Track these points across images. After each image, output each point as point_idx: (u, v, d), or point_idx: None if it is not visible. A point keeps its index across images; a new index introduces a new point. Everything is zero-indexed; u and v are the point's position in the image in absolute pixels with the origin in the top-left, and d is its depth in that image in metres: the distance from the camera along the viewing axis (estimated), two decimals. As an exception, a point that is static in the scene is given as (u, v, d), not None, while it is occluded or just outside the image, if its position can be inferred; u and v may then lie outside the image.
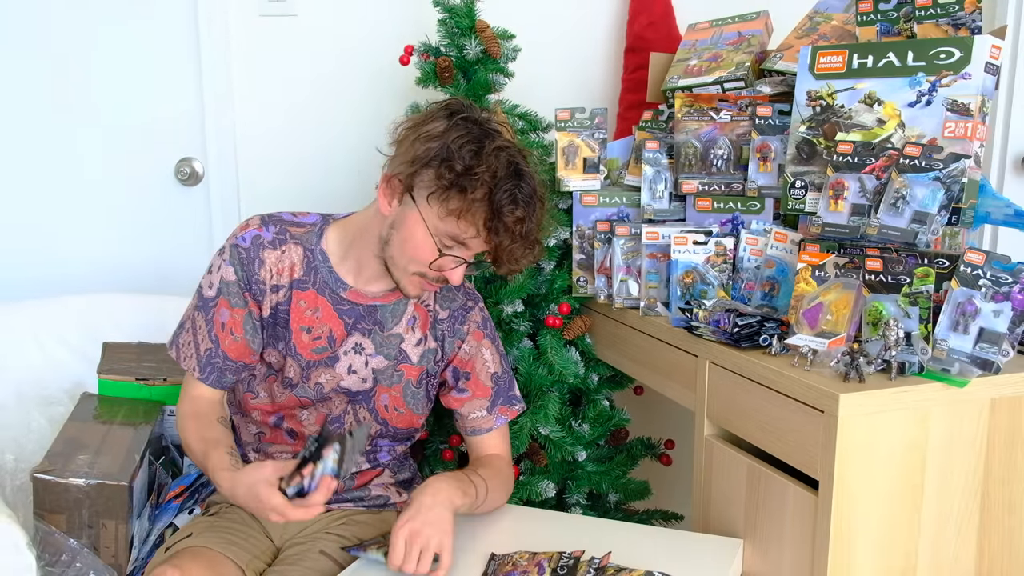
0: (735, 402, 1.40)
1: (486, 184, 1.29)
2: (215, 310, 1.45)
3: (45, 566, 1.41)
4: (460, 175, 1.29)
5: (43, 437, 1.65)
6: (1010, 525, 1.34)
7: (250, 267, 1.44)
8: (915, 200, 1.28)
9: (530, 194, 1.34)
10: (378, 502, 1.57)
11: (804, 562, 1.28)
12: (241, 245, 1.44)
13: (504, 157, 1.32)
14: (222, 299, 1.44)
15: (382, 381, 1.50)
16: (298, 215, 1.50)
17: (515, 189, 1.31)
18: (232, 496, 1.31)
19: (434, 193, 1.31)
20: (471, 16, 1.83)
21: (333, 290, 1.46)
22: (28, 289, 2.06)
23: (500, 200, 1.30)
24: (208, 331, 1.45)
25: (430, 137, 1.32)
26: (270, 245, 1.45)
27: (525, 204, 1.33)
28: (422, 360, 1.52)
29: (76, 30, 2.03)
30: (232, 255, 1.44)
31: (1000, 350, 1.22)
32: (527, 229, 1.35)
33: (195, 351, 1.46)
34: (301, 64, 2.13)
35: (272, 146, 2.15)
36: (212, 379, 1.46)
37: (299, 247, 1.46)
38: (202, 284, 1.47)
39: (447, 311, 1.53)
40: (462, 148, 1.30)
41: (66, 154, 2.08)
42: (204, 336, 1.45)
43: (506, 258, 1.37)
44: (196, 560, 1.34)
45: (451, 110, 1.35)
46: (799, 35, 1.68)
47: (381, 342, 1.49)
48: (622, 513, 1.98)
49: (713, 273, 1.56)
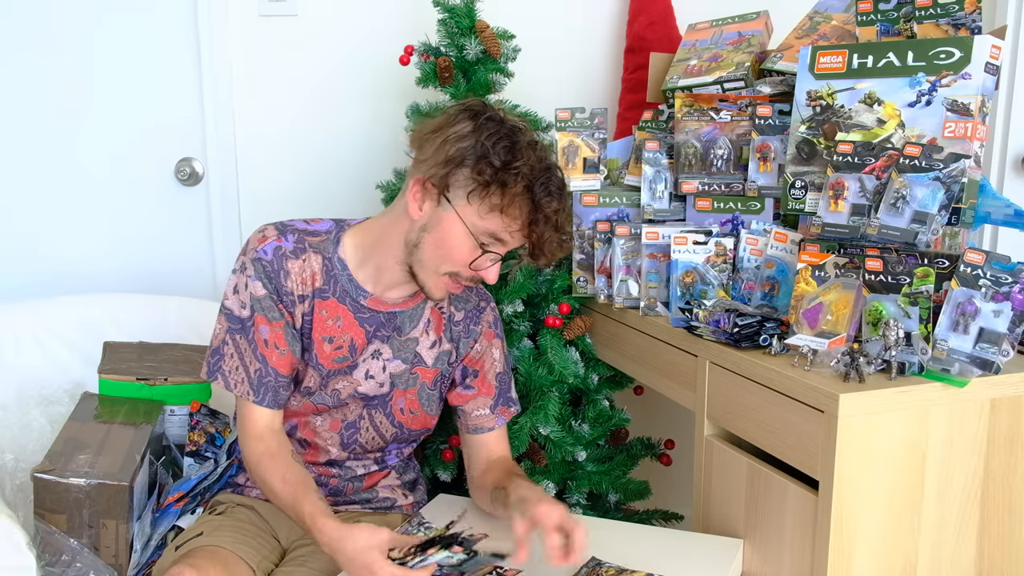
0: (735, 402, 1.40)
1: (525, 178, 1.32)
2: (254, 329, 1.40)
3: (45, 566, 1.41)
4: (499, 170, 1.31)
5: (43, 437, 1.65)
6: (1010, 525, 1.34)
7: (277, 279, 1.41)
8: (915, 200, 1.28)
9: (561, 185, 1.37)
10: (385, 504, 1.57)
11: (804, 562, 1.28)
12: (263, 258, 1.41)
13: (538, 151, 1.35)
14: (258, 316, 1.40)
15: (399, 385, 1.50)
16: (311, 222, 1.47)
17: (550, 182, 1.34)
18: (332, 550, 1.26)
19: (474, 191, 1.32)
20: (471, 16, 1.83)
21: (353, 298, 1.45)
22: (28, 289, 2.06)
23: (539, 192, 1.33)
24: (253, 351, 1.41)
25: (460, 137, 1.33)
26: (292, 255, 1.42)
27: (559, 195, 1.36)
28: (437, 362, 1.52)
29: (76, 30, 2.03)
30: (257, 270, 1.40)
31: (1000, 350, 1.22)
32: (563, 220, 1.39)
33: (245, 375, 1.41)
34: (301, 64, 2.13)
35: (272, 146, 2.15)
36: (268, 399, 1.41)
37: (318, 255, 1.44)
38: (229, 306, 1.42)
39: (462, 312, 1.54)
40: (496, 145, 1.31)
41: (66, 154, 2.08)
42: (251, 357, 1.41)
43: (546, 249, 1.39)
44: (212, 560, 1.34)
45: (474, 111, 1.36)
46: (799, 35, 1.68)
47: (399, 347, 1.49)
48: (622, 513, 1.98)
49: (713, 273, 1.56)
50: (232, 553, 1.38)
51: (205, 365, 1.44)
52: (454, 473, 1.84)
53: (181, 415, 1.74)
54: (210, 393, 1.77)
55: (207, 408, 1.71)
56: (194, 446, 1.66)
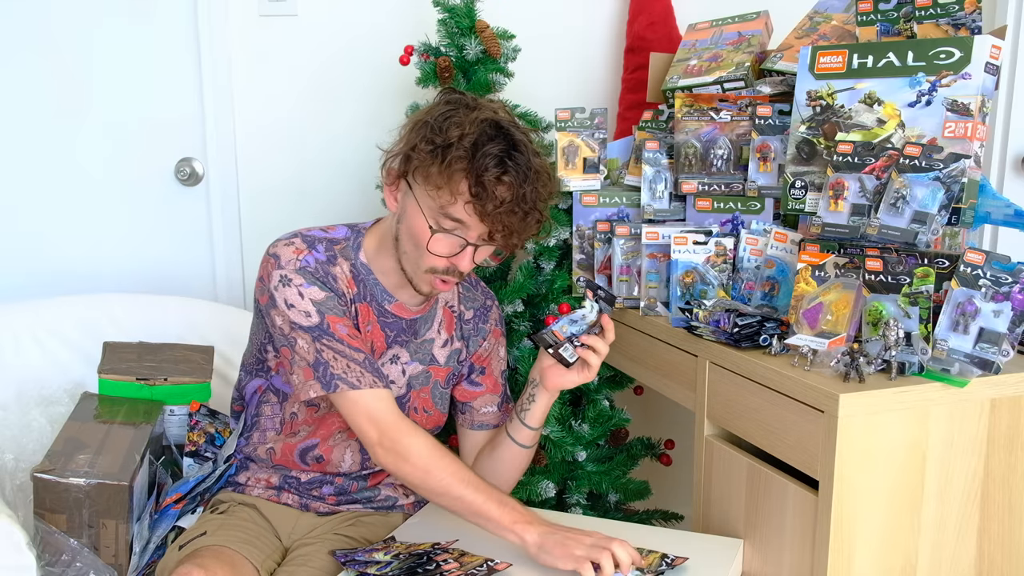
0: (735, 402, 1.40)
1: (466, 150, 1.26)
2: (333, 327, 1.35)
3: (45, 566, 1.41)
4: (441, 145, 1.27)
5: (43, 437, 1.64)
6: (1010, 525, 1.34)
7: (328, 282, 1.37)
8: (915, 200, 1.28)
9: (524, 163, 1.28)
10: (387, 503, 1.57)
11: (804, 562, 1.28)
12: (307, 267, 1.37)
13: (489, 124, 1.28)
14: (328, 316, 1.35)
15: (415, 386, 1.50)
16: (327, 230, 1.44)
17: (502, 155, 1.27)
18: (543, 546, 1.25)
19: (419, 168, 1.30)
20: (471, 16, 1.83)
21: (379, 303, 1.44)
22: (28, 289, 2.06)
23: (482, 165, 1.26)
24: (347, 345, 1.34)
25: (417, 120, 1.33)
26: (329, 263, 1.39)
27: (515, 170, 1.27)
28: (448, 361, 1.52)
29: (76, 31, 2.03)
30: (307, 278, 1.36)
31: (1000, 350, 1.22)
32: (518, 196, 1.28)
33: (358, 365, 1.33)
34: (301, 64, 2.13)
35: (272, 146, 2.15)
36: (383, 380, 1.36)
37: (347, 262, 1.42)
38: (295, 321, 1.34)
39: (472, 311, 1.54)
40: (443, 119, 1.29)
41: (66, 154, 2.08)
42: (349, 351, 1.34)
43: (499, 229, 1.30)
44: (218, 559, 1.34)
45: (445, 97, 1.35)
46: (799, 35, 1.68)
47: (415, 349, 1.49)
48: (622, 513, 1.98)
49: (713, 273, 1.56)
50: (237, 553, 1.38)
51: (317, 384, 1.33)
52: (454, 473, 1.84)
53: (181, 415, 1.74)
54: (210, 393, 1.77)
55: (207, 408, 1.71)
56: (193, 446, 1.66)
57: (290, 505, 1.53)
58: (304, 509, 1.53)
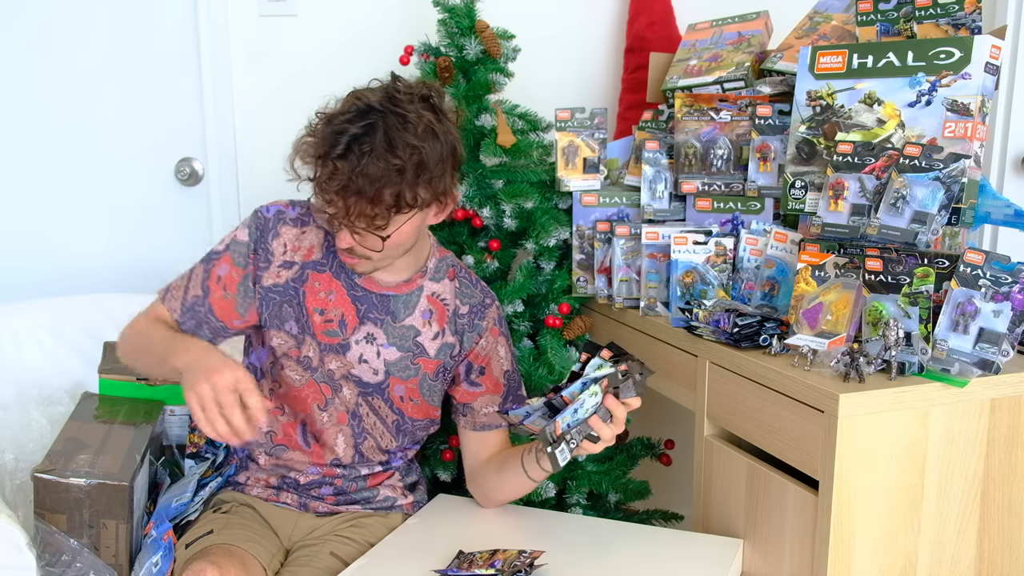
0: (735, 402, 1.40)
1: (319, 133, 1.35)
2: (216, 262, 1.46)
3: (45, 566, 1.41)
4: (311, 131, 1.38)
5: (43, 436, 1.65)
6: (1010, 525, 1.34)
7: (264, 235, 1.46)
8: (915, 200, 1.28)
9: (370, 143, 1.28)
10: (386, 504, 1.58)
11: (804, 562, 1.28)
12: (264, 214, 1.48)
13: (357, 111, 1.32)
14: (227, 255, 1.46)
15: (395, 374, 1.50)
16: None
17: (340, 135, 1.30)
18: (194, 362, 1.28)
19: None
20: (471, 16, 1.83)
21: (348, 275, 1.47)
22: (28, 289, 2.06)
23: (323, 149, 1.31)
24: (202, 281, 1.46)
25: None
26: (291, 222, 1.48)
27: (357, 150, 1.28)
28: (439, 354, 1.52)
29: (76, 31, 2.03)
30: (252, 220, 1.48)
31: (1000, 350, 1.22)
32: (355, 174, 1.27)
33: (182, 295, 1.46)
34: (301, 64, 2.12)
35: (272, 146, 2.15)
36: (189, 326, 1.45)
37: (321, 231, 1.48)
38: (214, 247, 1.50)
39: (467, 306, 1.54)
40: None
41: (66, 154, 2.08)
42: (196, 284, 1.46)
43: (345, 209, 1.30)
44: (230, 558, 1.35)
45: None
46: (799, 35, 1.68)
47: (394, 333, 1.49)
48: (622, 513, 1.98)
49: (713, 273, 1.56)
50: (246, 552, 1.39)
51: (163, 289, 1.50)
52: (454, 473, 1.84)
53: (181, 415, 1.74)
54: (210, 393, 1.76)
55: (207, 408, 1.71)
56: (194, 447, 1.66)
57: (289, 505, 1.53)
58: (303, 509, 1.53)
